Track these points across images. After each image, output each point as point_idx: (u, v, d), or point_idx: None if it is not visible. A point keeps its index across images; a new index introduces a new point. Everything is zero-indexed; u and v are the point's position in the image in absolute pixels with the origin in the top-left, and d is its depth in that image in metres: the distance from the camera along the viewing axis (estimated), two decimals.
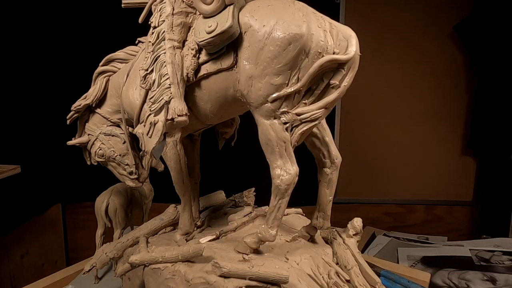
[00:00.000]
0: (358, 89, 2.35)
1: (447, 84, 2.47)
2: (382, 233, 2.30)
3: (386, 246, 2.13)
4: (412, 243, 2.18)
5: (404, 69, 2.48)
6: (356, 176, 2.58)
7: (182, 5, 0.99)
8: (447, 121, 2.51)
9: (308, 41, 0.84)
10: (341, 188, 2.52)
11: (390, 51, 2.46)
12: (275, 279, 0.86)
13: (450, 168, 2.56)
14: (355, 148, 2.57)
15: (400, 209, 2.63)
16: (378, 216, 2.60)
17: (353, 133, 2.56)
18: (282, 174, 0.90)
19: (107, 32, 2.58)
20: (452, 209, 2.61)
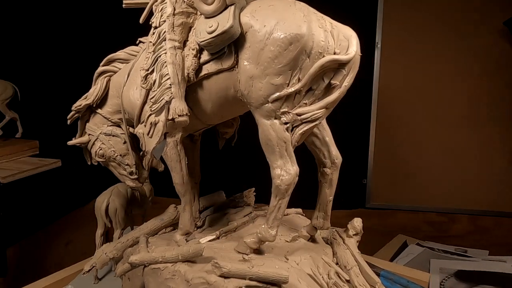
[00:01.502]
0: (396, 88, 2.32)
1: (497, 84, 2.25)
2: (416, 242, 2.11)
3: (418, 256, 1.96)
4: (448, 255, 1.97)
5: (449, 67, 2.27)
6: (393, 180, 2.43)
7: (183, 6, 0.99)
8: (496, 124, 2.27)
9: (309, 41, 0.84)
10: (377, 192, 2.44)
11: (434, 48, 2.26)
12: (275, 279, 0.86)
13: (499, 175, 2.30)
14: (392, 150, 2.41)
15: (441, 218, 2.38)
16: (416, 224, 2.37)
17: (390, 134, 2.39)
18: (282, 174, 0.90)
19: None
20: (499, 220, 2.31)
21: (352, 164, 2.21)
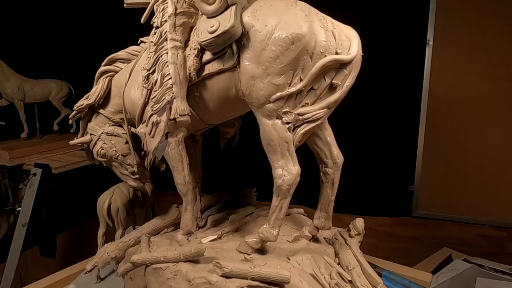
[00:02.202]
0: (448, 89, 2.11)
1: None
2: (462, 257, 1.89)
3: (463, 273, 1.76)
4: (499, 275, 1.74)
5: (507, 67, 2.04)
6: (443, 188, 2.18)
7: (185, 5, 0.99)
8: None
9: (310, 41, 0.84)
10: (424, 200, 2.22)
11: (490, 46, 2.05)
12: (276, 279, 0.86)
13: None
14: (442, 155, 2.17)
15: (499, 233, 2.13)
16: (467, 238, 2.15)
17: (441, 137, 2.16)
18: (284, 174, 0.90)
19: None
20: None
21: (399, 169, 2.16)
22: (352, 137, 2.12)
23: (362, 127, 2.16)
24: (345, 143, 1.87)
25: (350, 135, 2.11)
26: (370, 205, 2.20)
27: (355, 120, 2.14)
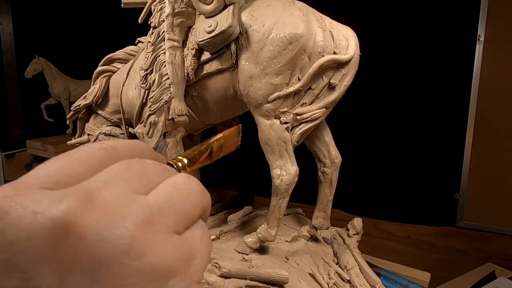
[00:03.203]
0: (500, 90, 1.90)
1: None
2: (509, 275, 1.68)
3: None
4: None
5: None
6: (492, 197, 1.98)
7: (182, 5, 0.99)
8: None
9: (308, 41, 0.84)
10: (470, 210, 2.03)
11: None
12: (275, 279, 0.86)
13: None
14: (492, 161, 1.97)
15: None
16: None
17: (491, 142, 1.96)
18: (282, 174, 0.90)
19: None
20: None
21: (443, 174, 2.01)
22: (395, 140, 2.05)
23: (406, 129, 2.04)
24: (388, 146, 1.87)
25: (393, 138, 2.05)
26: (411, 212, 2.08)
27: (398, 122, 2.05)
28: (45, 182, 0.18)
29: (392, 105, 2.04)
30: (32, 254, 0.16)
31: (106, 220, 0.17)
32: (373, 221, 2.00)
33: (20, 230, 0.16)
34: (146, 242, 0.17)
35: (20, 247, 0.16)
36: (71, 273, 0.16)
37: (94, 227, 0.16)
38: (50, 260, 0.16)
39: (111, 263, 0.16)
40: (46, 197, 0.17)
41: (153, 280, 0.17)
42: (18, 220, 0.16)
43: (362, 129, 2.11)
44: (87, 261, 0.16)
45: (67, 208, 0.16)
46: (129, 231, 0.17)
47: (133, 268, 0.17)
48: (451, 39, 1.91)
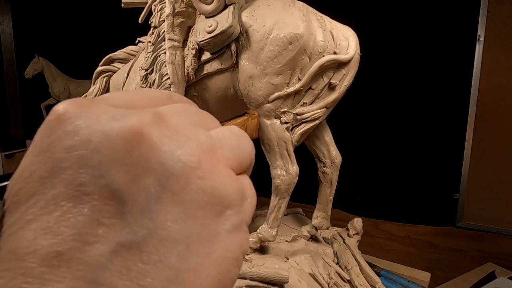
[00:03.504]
0: (500, 90, 1.89)
1: None
2: (508, 275, 1.67)
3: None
4: None
5: None
6: (492, 197, 1.97)
7: (182, 5, 0.99)
8: None
9: (308, 41, 0.84)
10: (470, 210, 2.03)
11: None
12: (275, 279, 0.86)
13: None
14: (492, 160, 1.95)
15: None
16: None
17: (491, 142, 1.95)
18: (283, 174, 0.90)
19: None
20: None
21: (443, 174, 2.01)
22: (395, 140, 2.05)
23: (406, 129, 2.04)
24: (388, 146, 1.86)
25: (393, 138, 2.05)
26: (411, 212, 2.09)
27: (398, 122, 2.05)
28: (114, 104, 0.19)
29: (392, 105, 2.04)
30: (107, 153, 0.16)
31: (177, 138, 0.18)
32: (373, 221, 2.00)
33: (97, 130, 0.17)
34: (210, 166, 0.18)
35: (96, 145, 0.16)
36: (142, 177, 0.17)
37: (166, 141, 0.17)
38: (123, 162, 0.16)
39: (180, 176, 0.17)
40: (119, 111, 0.18)
41: (213, 203, 0.18)
42: (95, 121, 0.17)
43: (362, 129, 2.11)
44: (159, 169, 0.17)
45: (142, 119, 0.17)
46: (196, 152, 0.18)
47: (198, 186, 0.17)
48: (451, 39, 1.90)
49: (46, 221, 0.16)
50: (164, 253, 0.16)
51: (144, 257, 0.16)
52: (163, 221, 0.16)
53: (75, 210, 0.16)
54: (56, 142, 0.17)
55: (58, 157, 0.16)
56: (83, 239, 0.15)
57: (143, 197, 0.16)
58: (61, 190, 0.16)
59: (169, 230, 0.16)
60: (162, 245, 0.16)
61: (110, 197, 0.16)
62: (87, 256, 0.15)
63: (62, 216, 0.16)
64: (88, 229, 0.16)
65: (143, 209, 0.16)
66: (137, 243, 0.16)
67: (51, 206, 0.16)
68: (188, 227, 0.17)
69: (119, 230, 0.16)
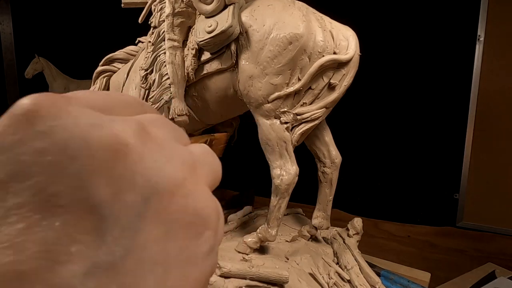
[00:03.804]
0: (500, 90, 1.88)
1: None
2: (509, 275, 1.66)
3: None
4: None
5: None
6: (492, 197, 1.96)
7: (182, 5, 0.99)
8: None
9: (308, 41, 0.84)
10: (471, 210, 2.01)
11: None
12: (275, 279, 0.86)
13: None
14: (492, 162, 1.94)
15: None
16: None
17: (491, 142, 1.94)
18: (282, 174, 0.90)
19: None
20: None
21: (443, 174, 2.00)
22: (395, 140, 2.05)
23: (406, 129, 2.04)
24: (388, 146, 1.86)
25: (393, 138, 2.05)
26: (411, 212, 2.08)
27: (398, 122, 2.05)
28: (90, 106, 0.17)
29: (392, 105, 2.04)
30: (88, 163, 0.15)
31: (163, 153, 0.17)
32: (373, 221, 2.00)
33: (76, 136, 0.15)
34: (193, 185, 0.17)
35: (75, 153, 0.14)
36: (125, 192, 0.15)
37: (151, 155, 0.16)
38: (106, 174, 0.15)
39: (164, 193, 0.16)
40: (99, 115, 0.16)
41: (196, 224, 0.17)
42: (73, 125, 0.15)
43: (362, 129, 2.11)
44: (143, 185, 0.15)
45: (126, 129, 0.16)
46: (181, 170, 0.17)
47: (182, 205, 0.16)
48: (451, 39, 1.90)
49: (6, 233, 0.13)
50: (141, 275, 0.15)
51: (120, 279, 0.14)
52: (143, 241, 0.15)
53: (44, 223, 0.14)
54: (23, 142, 0.14)
55: (25, 160, 0.14)
56: (53, 257, 0.13)
57: (125, 214, 0.15)
58: (27, 199, 0.14)
59: (149, 251, 0.15)
60: (140, 267, 0.15)
61: (88, 212, 0.14)
62: (57, 277, 0.13)
63: (27, 229, 0.13)
64: (59, 246, 0.14)
65: (124, 227, 0.15)
66: (114, 264, 0.14)
67: (12, 216, 0.13)
68: (168, 248, 0.16)
69: (95, 248, 0.14)
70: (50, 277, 0.13)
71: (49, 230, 0.14)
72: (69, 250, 0.14)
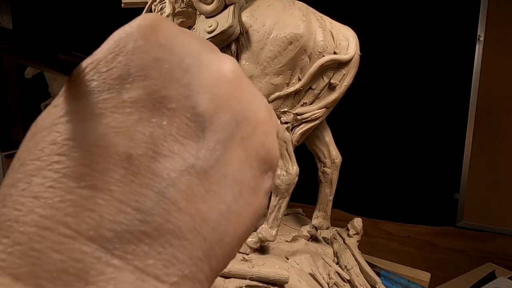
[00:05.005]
0: (500, 90, 1.88)
1: None
2: (509, 275, 1.65)
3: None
4: None
5: None
6: (492, 197, 1.94)
7: (183, 5, 0.99)
8: None
9: (308, 41, 0.84)
10: (471, 210, 1.99)
11: None
12: (275, 279, 0.86)
13: None
14: (492, 162, 1.93)
15: None
16: None
17: (491, 142, 1.93)
18: (282, 174, 0.90)
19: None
20: None
21: (443, 174, 1.99)
22: (395, 140, 2.05)
23: (406, 129, 2.03)
24: (388, 146, 1.86)
25: (393, 138, 2.04)
26: (411, 212, 2.08)
27: (398, 122, 2.04)
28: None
29: (392, 105, 2.04)
30: (197, 78, 0.17)
31: (255, 92, 0.19)
32: (373, 221, 2.00)
33: (191, 55, 0.17)
34: (270, 128, 0.19)
35: (188, 67, 0.17)
36: (224, 111, 0.17)
37: (246, 89, 0.19)
38: (210, 92, 0.17)
39: (251, 124, 0.18)
40: (208, 43, 0.19)
41: (266, 160, 0.19)
42: (189, 46, 0.17)
43: (362, 129, 2.11)
44: (237, 109, 0.18)
45: (231, 60, 0.19)
46: (265, 111, 0.19)
47: (261, 140, 0.18)
48: (451, 39, 1.90)
49: (120, 121, 0.15)
50: (223, 188, 0.16)
51: (207, 185, 0.16)
52: (229, 159, 0.17)
53: (154, 120, 0.15)
54: (144, 48, 0.16)
55: (144, 64, 0.16)
56: (158, 150, 0.15)
57: (221, 130, 0.17)
58: (142, 96, 0.15)
59: (232, 169, 0.17)
60: (224, 180, 0.16)
61: (192, 120, 0.16)
62: (158, 168, 0.15)
63: (139, 122, 0.15)
64: (164, 142, 0.15)
65: (218, 141, 0.16)
66: (205, 170, 0.16)
67: (127, 108, 0.15)
68: (245, 173, 0.18)
69: (193, 152, 0.16)
70: (153, 166, 0.15)
71: (157, 127, 0.15)
72: (172, 148, 0.15)
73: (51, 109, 0.17)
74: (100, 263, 0.13)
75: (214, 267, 0.16)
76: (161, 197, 0.15)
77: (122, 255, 0.14)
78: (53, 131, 0.15)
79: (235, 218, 0.17)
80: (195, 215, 0.15)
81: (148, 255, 0.14)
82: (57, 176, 0.14)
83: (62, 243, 0.13)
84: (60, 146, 0.15)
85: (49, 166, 0.14)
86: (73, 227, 0.13)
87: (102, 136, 0.15)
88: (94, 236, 0.14)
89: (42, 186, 0.14)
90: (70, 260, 0.13)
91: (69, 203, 0.14)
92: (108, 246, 0.14)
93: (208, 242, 0.16)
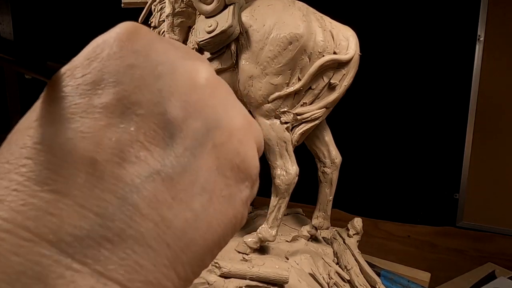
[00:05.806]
0: (500, 90, 1.88)
1: None
2: (509, 275, 1.63)
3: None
4: None
5: None
6: (492, 197, 1.94)
7: (182, 5, 0.99)
8: None
9: (308, 41, 0.84)
10: (471, 210, 1.99)
11: None
12: (275, 279, 0.86)
13: None
14: (493, 162, 1.93)
15: None
16: None
17: (491, 141, 1.92)
18: (282, 174, 0.90)
19: None
20: None
21: (443, 174, 1.99)
22: (395, 140, 2.05)
23: (406, 129, 2.03)
24: (388, 146, 1.86)
25: (393, 138, 2.04)
26: (411, 212, 2.08)
27: (398, 122, 2.04)
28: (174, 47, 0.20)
29: (392, 105, 2.04)
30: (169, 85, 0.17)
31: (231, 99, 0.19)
32: (373, 221, 2.00)
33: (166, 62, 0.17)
34: (248, 136, 0.19)
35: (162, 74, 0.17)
36: (194, 118, 0.17)
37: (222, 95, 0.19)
38: (182, 99, 0.17)
39: (223, 130, 0.18)
40: (188, 50, 0.19)
41: (241, 169, 0.18)
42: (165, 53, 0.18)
43: (362, 129, 2.11)
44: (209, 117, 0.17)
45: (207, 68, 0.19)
46: (242, 118, 0.19)
47: (234, 147, 0.18)
48: (451, 39, 1.90)
49: (87, 126, 0.15)
50: (190, 195, 0.16)
51: (173, 192, 0.16)
52: (198, 166, 0.17)
53: (122, 125, 0.15)
54: (119, 55, 0.16)
55: (118, 70, 0.16)
56: (123, 156, 0.15)
57: (190, 138, 0.17)
58: (112, 102, 0.16)
59: (201, 177, 0.17)
60: (192, 187, 0.16)
61: (161, 126, 0.16)
62: (122, 174, 0.15)
63: (106, 127, 0.15)
64: (130, 149, 0.15)
65: (186, 148, 0.16)
66: (171, 177, 0.16)
67: (96, 113, 0.15)
68: (216, 181, 0.17)
69: (159, 159, 0.16)
70: (118, 171, 0.15)
71: (125, 133, 0.15)
72: (138, 154, 0.15)
73: (29, 112, 0.17)
74: (59, 266, 0.13)
75: (182, 275, 0.16)
76: (123, 203, 0.15)
77: (83, 260, 0.14)
78: (25, 135, 0.15)
79: (204, 226, 0.17)
80: (159, 221, 0.15)
81: (109, 260, 0.14)
82: (22, 180, 0.14)
83: (21, 246, 0.13)
84: (28, 150, 0.15)
85: (16, 169, 0.14)
86: (33, 230, 0.13)
87: (69, 141, 0.15)
88: (54, 240, 0.14)
89: (7, 189, 0.14)
90: (29, 263, 0.13)
91: (31, 206, 0.14)
92: (68, 250, 0.14)
93: (173, 249, 0.16)
